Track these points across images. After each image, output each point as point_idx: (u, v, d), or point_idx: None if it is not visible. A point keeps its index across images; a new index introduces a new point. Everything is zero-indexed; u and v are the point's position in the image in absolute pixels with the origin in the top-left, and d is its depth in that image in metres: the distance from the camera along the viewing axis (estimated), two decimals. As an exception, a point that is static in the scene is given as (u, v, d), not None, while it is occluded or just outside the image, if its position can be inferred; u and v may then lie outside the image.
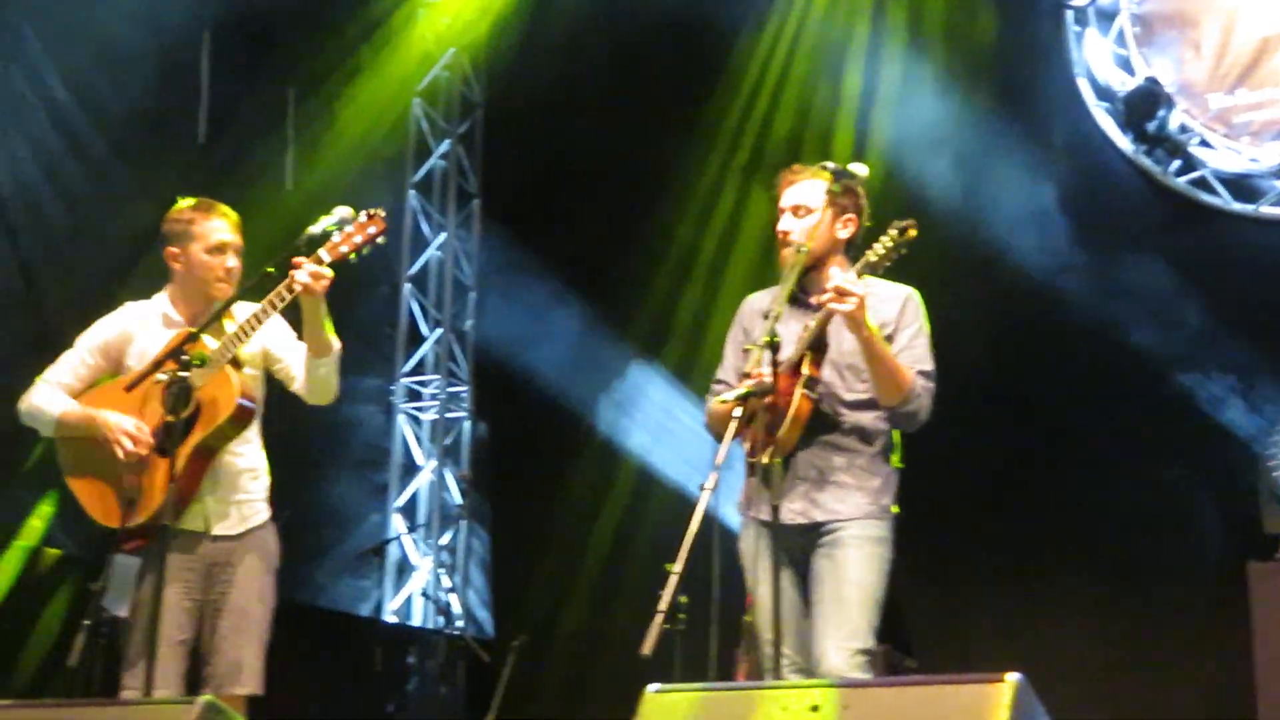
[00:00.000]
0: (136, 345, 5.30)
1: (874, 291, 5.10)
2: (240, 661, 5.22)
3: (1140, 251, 8.17)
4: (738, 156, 9.23)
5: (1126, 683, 7.49)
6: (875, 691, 3.26)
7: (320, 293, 5.03)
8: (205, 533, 5.26)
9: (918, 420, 5.00)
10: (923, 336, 5.09)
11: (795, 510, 4.98)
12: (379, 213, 5.21)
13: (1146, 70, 8.49)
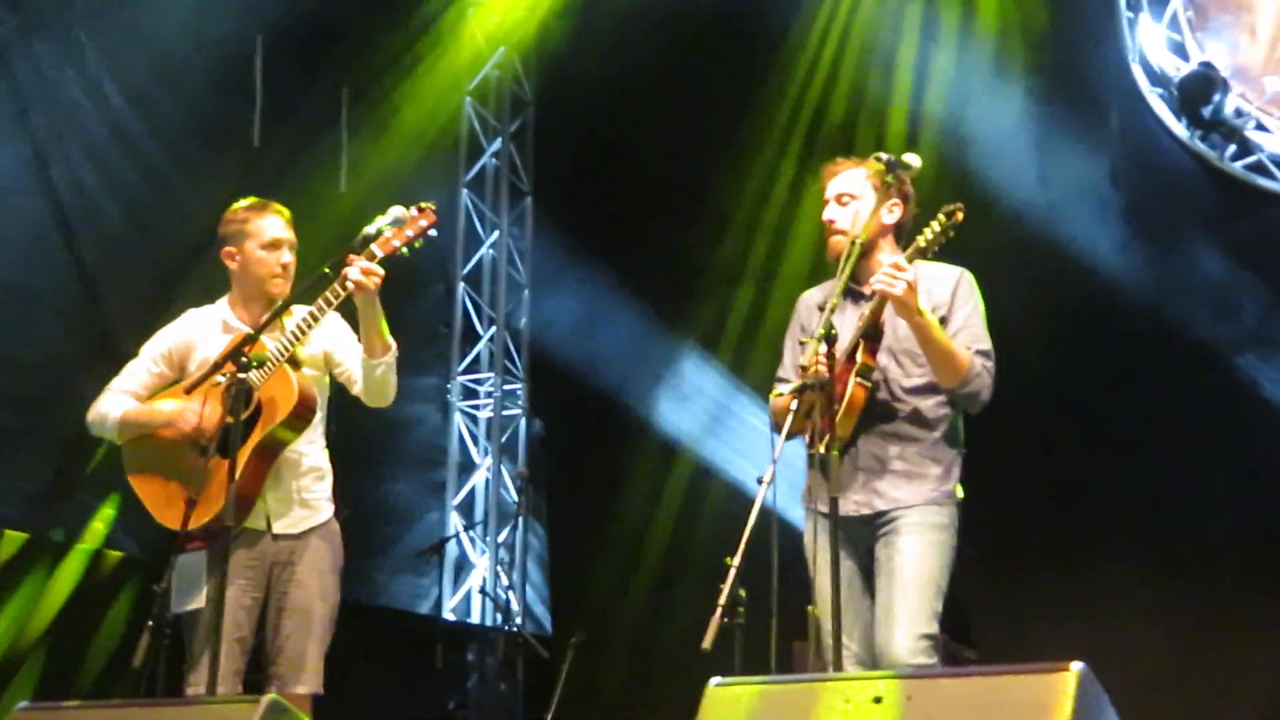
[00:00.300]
0: (199, 352, 5.36)
1: (926, 274, 5.11)
2: (302, 660, 5.26)
3: (1196, 237, 8.13)
4: (791, 146, 9.21)
5: (1188, 670, 7.44)
6: (938, 682, 3.26)
7: (373, 290, 5.04)
8: (267, 531, 5.31)
9: (979, 401, 4.98)
10: (978, 315, 5.07)
11: (857, 501, 4.99)
12: (429, 206, 5.21)
13: (1201, 55, 8.43)
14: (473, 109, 10.43)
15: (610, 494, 9.45)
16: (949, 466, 5.03)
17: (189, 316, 5.48)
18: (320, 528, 5.42)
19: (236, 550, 5.14)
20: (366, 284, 5.01)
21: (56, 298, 7.55)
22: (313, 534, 5.39)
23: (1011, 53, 8.69)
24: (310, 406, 5.27)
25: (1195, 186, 8.35)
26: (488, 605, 9.87)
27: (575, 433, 9.97)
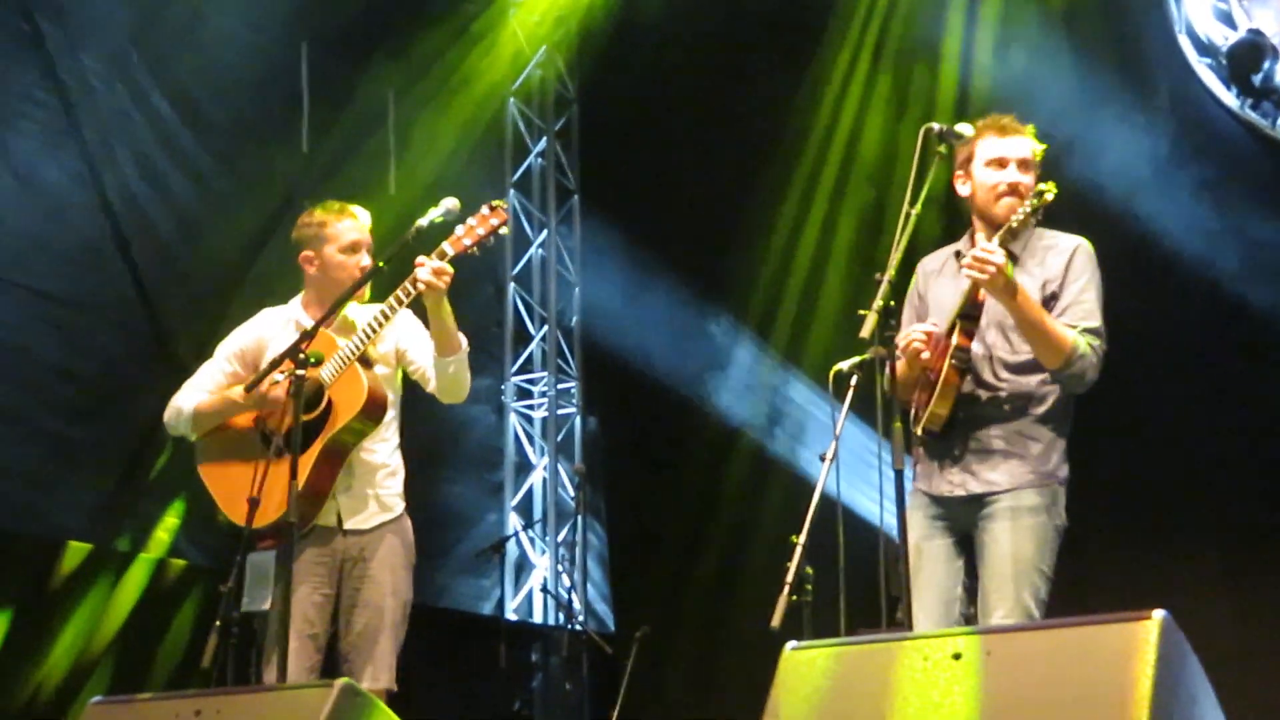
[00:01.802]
0: (270, 350, 5.38)
1: (1043, 243, 5.06)
2: (375, 656, 5.29)
3: (1251, 206, 8.09)
4: (837, 135, 9.18)
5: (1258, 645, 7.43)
6: (1018, 636, 3.24)
7: (443, 289, 5.06)
8: (338, 528, 5.33)
9: (1084, 382, 4.85)
10: (1092, 290, 4.94)
11: (954, 482, 4.93)
12: (500, 204, 5.23)
13: (1249, 23, 8.39)
14: (517, 109, 10.46)
15: (668, 487, 9.46)
16: (1050, 446, 4.94)
17: (263, 316, 5.54)
18: (392, 523, 5.45)
19: (307, 548, 5.20)
20: (438, 284, 5.03)
21: (112, 307, 7.55)
22: (385, 529, 5.42)
23: (1060, 28, 8.67)
24: (381, 405, 5.30)
25: (1249, 154, 8.31)
26: (550, 604, 9.88)
27: (631, 428, 9.98)
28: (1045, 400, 4.98)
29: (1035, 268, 4.96)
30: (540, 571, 9.97)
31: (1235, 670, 6.99)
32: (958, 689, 3.13)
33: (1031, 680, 3.11)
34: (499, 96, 10.21)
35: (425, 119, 9.41)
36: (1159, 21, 8.59)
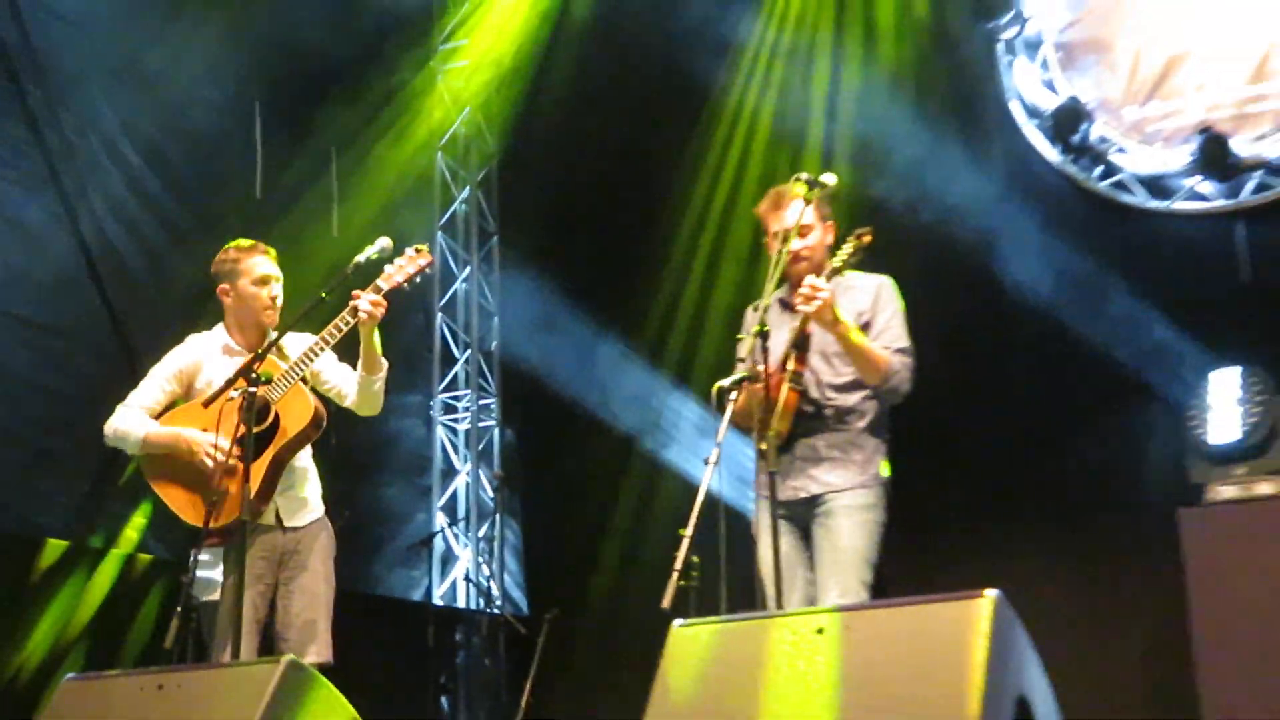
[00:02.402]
0: (204, 372, 5.41)
1: (852, 283, 5.18)
2: (313, 634, 5.32)
3: (1069, 246, 8.21)
4: (722, 184, 9.23)
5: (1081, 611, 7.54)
6: (872, 612, 3.27)
7: (377, 319, 5.17)
8: (278, 525, 5.36)
9: (900, 394, 5.07)
10: (897, 318, 5.14)
11: (795, 486, 5.06)
12: (424, 248, 5.36)
13: (1069, 90, 8.51)
14: (444, 161, 10.41)
15: (574, 490, 9.45)
16: (873, 452, 5.10)
17: (192, 341, 5.56)
18: (320, 520, 5.53)
19: (253, 543, 5.20)
20: (375, 314, 5.15)
21: (86, 333, 7.49)
22: (316, 526, 5.51)
23: (910, 94, 8.77)
24: (322, 420, 5.39)
25: (1068, 202, 8.44)
26: (471, 591, 9.84)
27: (542, 439, 9.98)
28: (867, 414, 5.14)
29: (849, 303, 5.11)
30: (463, 563, 9.93)
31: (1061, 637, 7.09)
32: (820, 658, 3.15)
33: (884, 650, 3.14)
34: (428, 150, 10.18)
35: (364, 169, 9.37)
36: (994, 89, 8.70)
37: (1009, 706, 3.07)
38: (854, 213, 5.44)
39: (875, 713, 2.99)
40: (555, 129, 9.91)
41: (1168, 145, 8.25)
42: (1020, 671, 3.17)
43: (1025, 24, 8.67)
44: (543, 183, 10.16)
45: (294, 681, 3.60)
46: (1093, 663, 7.27)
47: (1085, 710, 6.62)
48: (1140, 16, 8.43)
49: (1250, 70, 8.11)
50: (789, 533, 5.05)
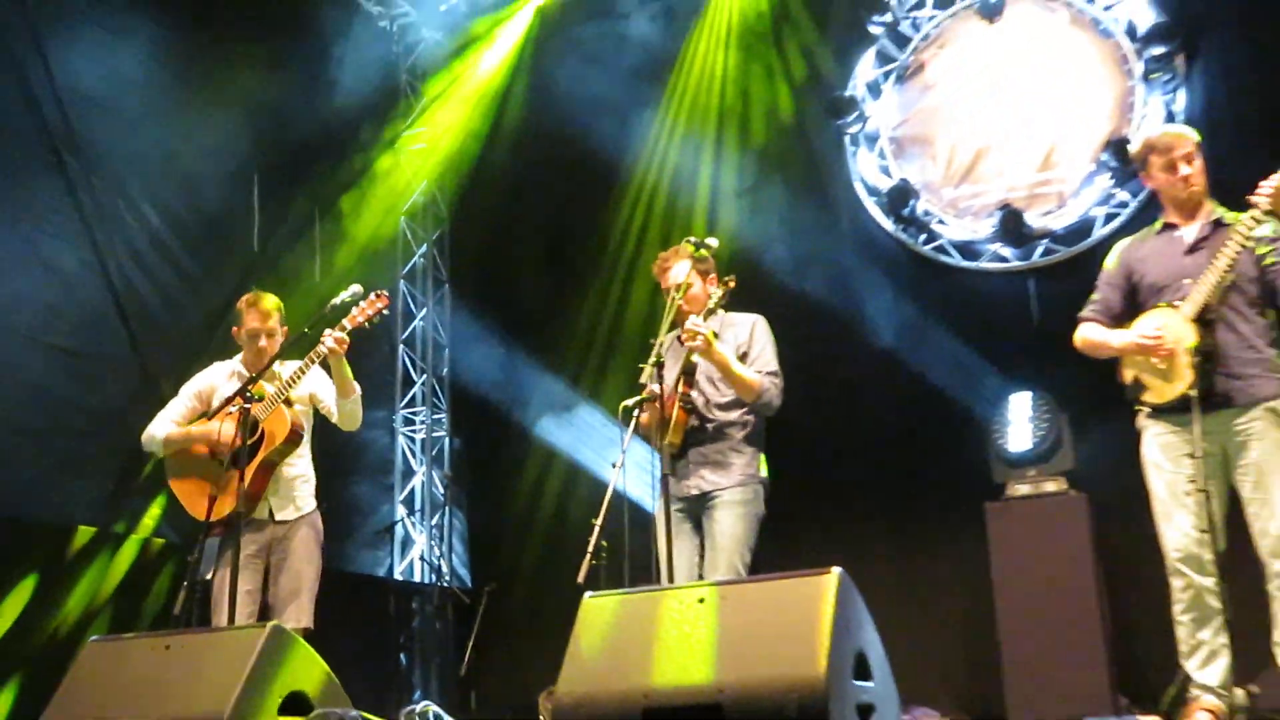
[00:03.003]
0: (219, 392, 5.46)
1: (732, 320, 5.24)
2: (296, 605, 5.28)
3: (900, 295, 8.33)
4: (628, 244, 9.26)
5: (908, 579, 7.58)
6: (743, 586, 3.30)
7: (342, 352, 5.21)
8: (270, 519, 5.33)
9: (771, 408, 5.14)
10: (769, 348, 5.20)
11: (689, 485, 5.09)
12: (384, 293, 5.40)
13: (900, 174, 8.61)
14: (406, 223, 10.33)
15: (509, 487, 9.39)
16: (752, 457, 5.14)
17: (214, 367, 5.72)
18: (308, 515, 5.52)
19: (247, 533, 5.20)
20: (338, 350, 5.21)
21: (112, 359, 7.39)
22: (302, 520, 5.48)
23: (775, 176, 8.86)
24: (299, 434, 5.40)
25: (899, 261, 8.54)
26: (425, 569, 9.75)
27: (484, 446, 9.90)
28: (746, 426, 5.17)
29: (731, 337, 5.16)
30: (419, 546, 9.83)
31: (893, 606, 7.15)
32: (702, 622, 3.17)
33: (752, 616, 3.17)
34: (394, 214, 10.09)
35: (342, 228, 9.33)
36: (843, 173, 8.79)
37: (850, 659, 3.10)
38: (732, 267, 5.47)
39: (744, 665, 3.00)
40: (495, 200, 9.92)
41: (976, 218, 8.37)
42: (859, 632, 3.20)
43: (866, 122, 8.78)
44: (485, 242, 10.10)
45: (277, 643, 3.57)
46: (918, 626, 7.32)
47: (910, 664, 6.69)
48: (954, 118, 8.57)
49: (1039, 161, 8.27)
50: (683, 523, 5.08)
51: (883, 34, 8.77)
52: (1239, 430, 4.49)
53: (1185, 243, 4.73)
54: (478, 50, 9.92)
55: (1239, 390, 4.49)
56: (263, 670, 3.45)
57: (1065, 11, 8.34)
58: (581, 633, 3.34)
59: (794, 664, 2.93)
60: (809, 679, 2.89)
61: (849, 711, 2.99)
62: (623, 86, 9.12)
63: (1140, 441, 4.74)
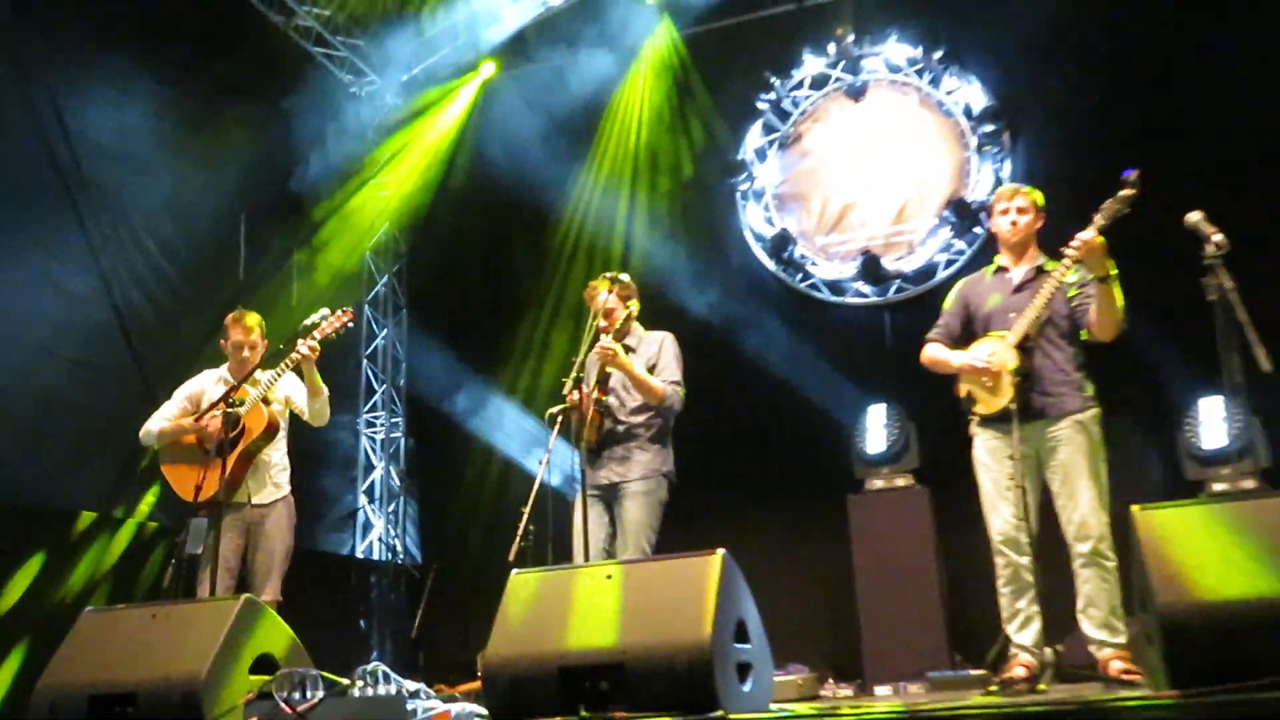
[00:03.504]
0: (209, 395, 5.38)
1: (645, 337, 5.23)
2: (269, 578, 5.17)
3: (781, 325, 8.37)
4: (557, 275, 9.20)
5: (785, 560, 7.58)
6: (644, 564, 3.28)
7: (314, 358, 5.13)
8: (248, 502, 5.22)
9: (674, 411, 5.12)
10: (673, 361, 5.18)
11: (603, 476, 5.04)
12: (349, 310, 5.34)
13: (781, 224, 8.70)
14: (370, 257, 10.19)
15: (455, 480, 9.26)
16: (657, 453, 5.10)
17: (204, 374, 5.65)
18: (282, 500, 5.39)
19: (228, 514, 5.10)
20: (310, 356, 5.14)
21: (116, 369, 7.21)
22: (277, 503, 5.37)
23: (678, 222, 8.88)
24: (275, 428, 5.31)
25: (780, 297, 8.61)
26: (382, 548, 9.61)
27: (434, 446, 9.77)
28: (652, 428, 5.14)
29: (644, 351, 5.13)
30: (377, 529, 9.68)
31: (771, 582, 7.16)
32: (609, 595, 3.14)
33: (651, 590, 3.15)
34: (360, 249, 9.92)
35: (316, 261, 9.17)
36: (734, 223, 8.86)
37: (731, 625, 3.10)
38: (644, 295, 5.45)
39: (644, 631, 2.98)
40: (446, 239, 9.80)
41: (842, 261, 8.48)
42: (739, 603, 3.20)
43: (754, 181, 8.85)
44: (437, 274, 9.97)
45: (249, 613, 3.49)
46: (793, 597, 7.34)
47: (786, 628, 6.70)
48: (825, 179, 8.68)
49: (894, 215, 8.41)
50: (599, 510, 5.05)
51: (768, 109, 8.86)
52: (1050, 437, 4.58)
53: (1013, 283, 4.81)
54: (433, 114, 9.84)
55: (1051, 405, 4.57)
56: (236, 636, 3.37)
57: (915, 95, 8.50)
58: (509, 603, 3.30)
59: (684, 630, 2.92)
60: (696, 642, 2.88)
61: (730, 669, 2.99)
62: (554, 146, 9.08)
63: (971, 445, 4.80)
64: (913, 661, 6.49)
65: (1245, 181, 6.91)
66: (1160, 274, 4.58)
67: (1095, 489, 4.48)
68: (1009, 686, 4.32)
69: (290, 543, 5.27)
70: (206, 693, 3.16)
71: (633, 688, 2.89)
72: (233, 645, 3.35)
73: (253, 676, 3.38)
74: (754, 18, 8.87)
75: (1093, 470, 4.50)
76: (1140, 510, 2.60)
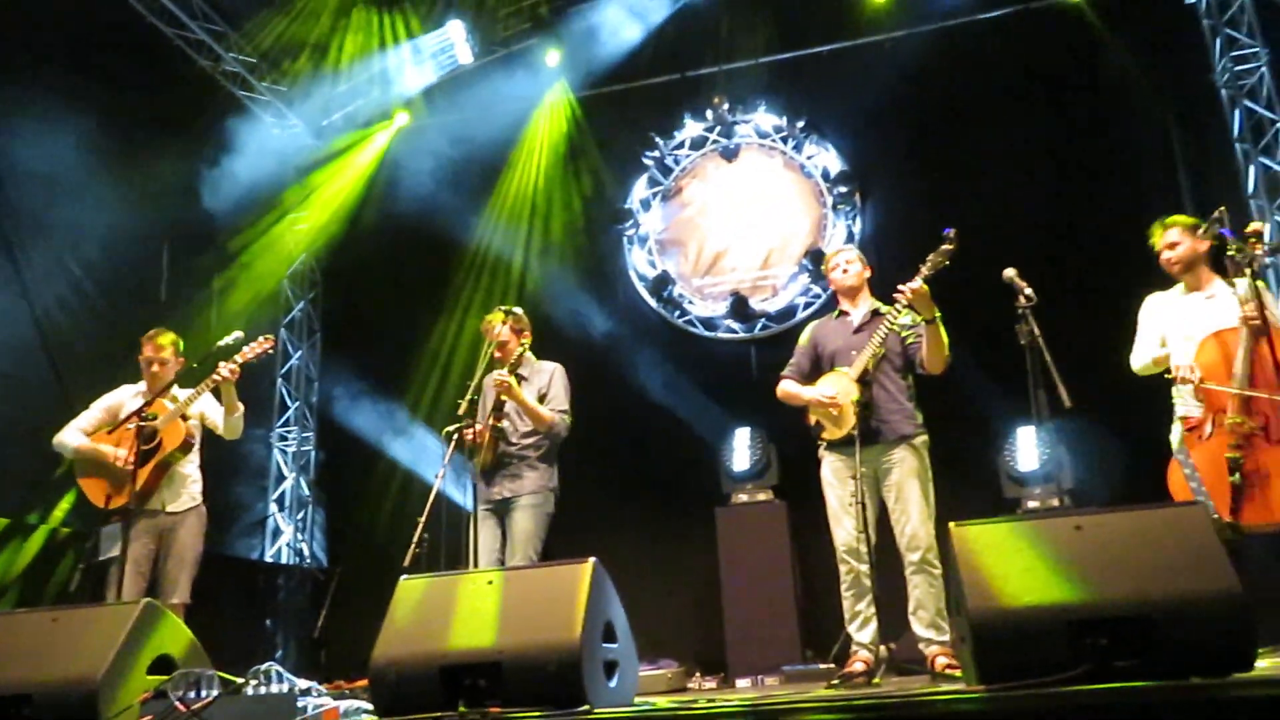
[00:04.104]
0: (126, 408, 5.16)
1: (537, 368, 5.17)
2: (177, 583, 4.95)
3: (660, 356, 8.40)
4: (460, 304, 9.04)
5: (659, 568, 7.57)
6: (523, 572, 3.21)
7: (233, 380, 4.98)
8: (162, 510, 5.00)
9: (560, 437, 5.09)
10: (564, 391, 5.15)
11: (496, 491, 4.98)
12: (270, 338, 5.23)
13: (662, 267, 8.75)
14: (288, 285, 9.91)
15: (360, 490, 8.98)
16: (545, 471, 5.06)
17: (123, 388, 5.42)
18: (194, 509, 5.19)
19: (141, 521, 4.90)
20: (230, 378, 5.00)
21: (37, 383, 6.86)
22: (191, 511, 5.16)
23: (570, 262, 8.84)
24: (190, 443, 5.12)
25: (660, 332, 8.63)
26: (290, 553, 9.29)
27: (341, 459, 9.47)
28: (541, 449, 5.09)
29: (536, 381, 5.09)
30: (286, 535, 9.37)
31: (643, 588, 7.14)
32: (489, 600, 3.08)
33: (528, 595, 3.09)
34: (278, 277, 9.66)
35: (235, 286, 8.86)
36: (621, 264, 8.87)
37: (600, 627, 3.05)
38: (536, 328, 5.42)
39: (520, 633, 2.92)
40: (358, 270, 9.53)
41: (715, 302, 8.56)
42: (608, 606, 3.16)
43: (639, 227, 8.90)
44: (349, 302, 9.70)
45: (149, 616, 3.30)
46: (665, 599, 7.35)
47: (659, 627, 6.72)
48: (701, 228, 8.77)
49: (760, 262, 8.53)
50: (492, 523, 4.98)
51: (653, 165, 8.94)
52: (886, 459, 4.67)
53: (853, 325, 4.93)
54: (349, 155, 9.65)
55: (887, 430, 4.68)
56: (135, 638, 3.18)
57: (781, 158, 8.67)
58: (396, 607, 3.21)
59: (556, 631, 2.87)
60: (566, 643, 2.83)
61: (597, 667, 2.95)
62: (459, 189, 8.99)
63: (820, 466, 4.87)
64: (770, 656, 6.54)
65: (1054, 243, 7.22)
66: (988, 318, 4.72)
67: (924, 505, 4.59)
68: (849, 680, 4.38)
69: (200, 549, 5.06)
70: (103, 693, 2.97)
71: (508, 685, 2.82)
72: (132, 647, 3.16)
73: (150, 677, 3.20)
74: (642, 84, 8.94)
75: (923, 488, 4.61)
76: (956, 526, 2.66)
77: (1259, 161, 7.37)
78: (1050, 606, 2.38)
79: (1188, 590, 2.32)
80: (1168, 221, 4.66)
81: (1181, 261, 4.57)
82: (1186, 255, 4.56)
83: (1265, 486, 4.08)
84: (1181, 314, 4.56)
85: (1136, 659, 2.29)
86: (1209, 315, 4.47)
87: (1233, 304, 4.39)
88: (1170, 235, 4.61)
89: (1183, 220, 4.64)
